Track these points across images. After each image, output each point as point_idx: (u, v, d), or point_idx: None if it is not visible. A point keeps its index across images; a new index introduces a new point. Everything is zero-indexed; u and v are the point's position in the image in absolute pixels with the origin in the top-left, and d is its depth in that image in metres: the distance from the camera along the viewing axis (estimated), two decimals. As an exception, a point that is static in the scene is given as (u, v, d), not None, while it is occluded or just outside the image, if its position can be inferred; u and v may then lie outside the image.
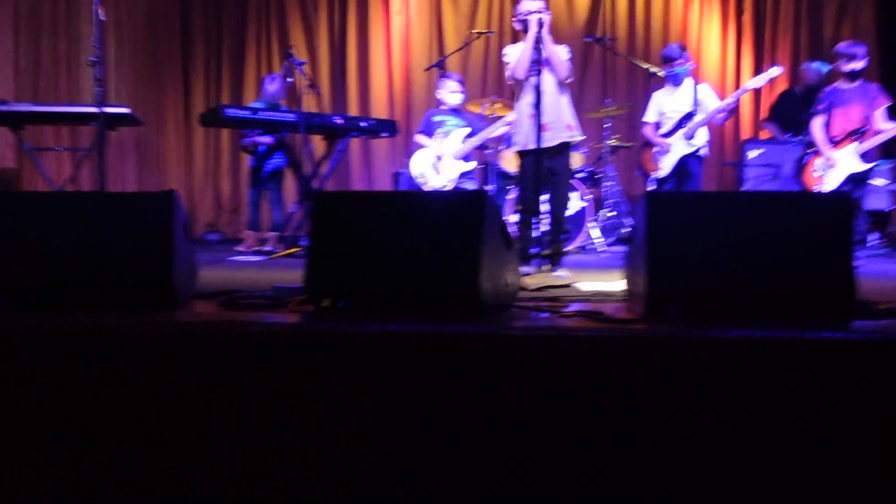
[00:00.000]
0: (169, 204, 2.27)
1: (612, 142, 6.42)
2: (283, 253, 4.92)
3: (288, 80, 5.41)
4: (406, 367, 1.90)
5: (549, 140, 3.76)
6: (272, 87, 5.97)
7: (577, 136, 3.98)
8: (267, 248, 5.78)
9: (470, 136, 5.66)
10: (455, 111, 5.79)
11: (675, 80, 5.25)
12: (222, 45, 8.14)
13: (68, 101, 6.48)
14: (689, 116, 5.16)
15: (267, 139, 5.73)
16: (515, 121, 4.04)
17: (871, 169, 5.00)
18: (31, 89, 6.35)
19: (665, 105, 5.33)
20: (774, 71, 5.11)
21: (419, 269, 2.12)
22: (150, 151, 7.82)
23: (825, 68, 5.25)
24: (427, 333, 1.91)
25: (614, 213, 6.31)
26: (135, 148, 7.56)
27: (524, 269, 3.68)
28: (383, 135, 5.81)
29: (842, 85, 5.10)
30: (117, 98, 7.06)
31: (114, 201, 2.40)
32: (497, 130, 5.64)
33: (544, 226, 3.84)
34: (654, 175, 5.39)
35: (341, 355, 1.92)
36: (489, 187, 6.12)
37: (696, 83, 5.27)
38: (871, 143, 4.90)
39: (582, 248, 5.94)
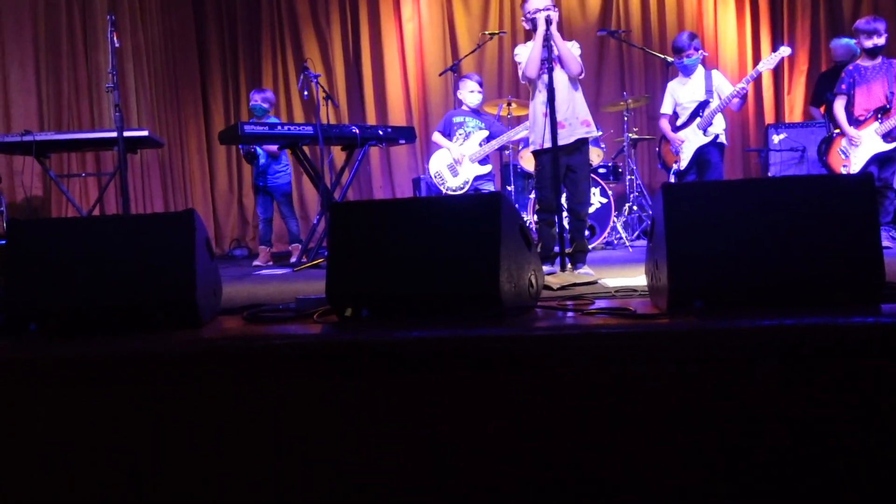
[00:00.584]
0: (189, 223, 2.29)
1: (632, 135, 6.37)
2: (307, 264, 4.95)
3: (304, 93, 5.44)
4: (431, 373, 1.90)
5: (566, 137, 3.73)
6: (258, 97, 6.02)
7: (594, 132, 3.95)
8: (293, 259, 5.85)
9: (488, 139, 5.66)
10: (475, 112, 5.78)
11: (686, 71, 5.21)
12: (238, 63, 8.23)
13: (91, 127, 6.60)
14: (704, 105, 5.10)
15: (272, 147, 5.79)
16: (530, 120, 4.02)
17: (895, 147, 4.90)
18: (55, 119, 6.49)
19: (680, 95, 5.28)
20: (784, 51, 5.02)
21: (439, 273, 2.12)
22: (175, 171, 7.93)
23: (854, 43, 5.13)
24: (450, 338, 1.90)
25: (637, 207, 6.27)
26: (159, 169, 7.68)
27: (547, 268, 3.67)
28: (402, 142, 5.84)
29: (863, 63, 5.01)
30: (139, 122, 7.18)
31: (134, 223, 2.42)
32: (515, 135, 5.66)
33: (566, 224, 3.82)
34: (674, 168, 5.34)
35: (365, 364, 1.93)
36: (510, 188, 6.11)
37: (708, 70, 5.21)
38: (892, 121, 4.81)
39: (608, 244, 5.90)
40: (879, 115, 4.86)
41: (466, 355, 1.88)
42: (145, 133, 4.76)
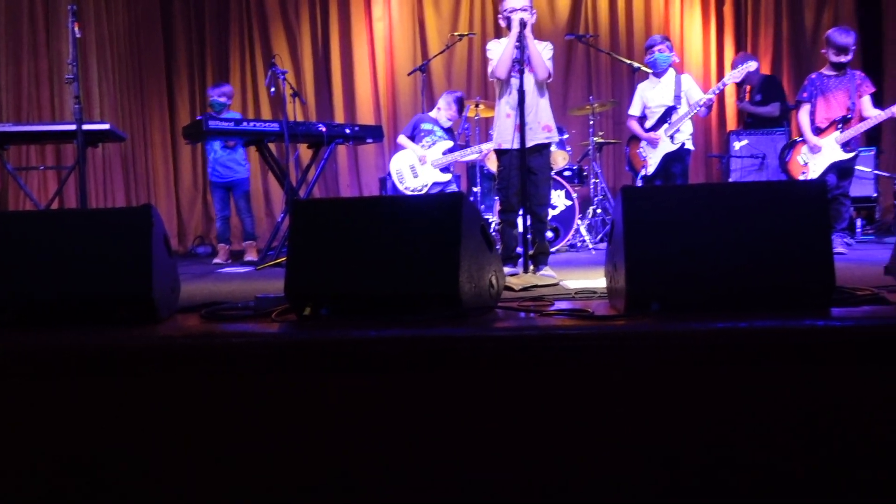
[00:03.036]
0: (147, 218, 2.26)
1: (597, 139, 6.43)
2: (270, 263, 4.91)
3: (271, 89, 5.40)
4: (388, 372, 1.90)
5: (526, 141, 3.75)
6: (215, 93, 5.97)
7: (555, 138, 3.98)
8: (248, 258, 5.80)
9: (451, 150, 5.76)
10: (444, 127, 5.95)
11: (655, 67, 5.24)
12: (205, 56, 8.14)
13: (52, 119, 6.48)
14: (671, 110, 5.16)
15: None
16: (495, 119, 4.04)
17: (853, 157, 5.01)
18: (14, 109, 6.36)
19: (649, 98, 5.33)
20: (751, 65, 5.15)
21: (399, 273, 2.12)
22: (138, 166, 7.82)
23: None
24: (408, 338, 1.90)
25: (601, 210, 6.32)
26: (121, 163, 7.56)
27: (509, 269, 3.68)
28: (369, 141, 5.82)
29: (826, 72, 5.11)
30: (102, 114, 7.07)
31: (91, 218, 2.38)
32: (473, 155, 5.82)
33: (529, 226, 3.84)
34: (641, 173, 5.40)
35: (323, 363, 1.92)
36: (476, 189, 6.14)
37: (678, 74, 5.28)
38: (853, 131, 4.92)
39: (571, 247, 5.95)
40: (840, 125, 4.97)
41: (425, 355, 1.88)
42: (107, 126, 4.67)
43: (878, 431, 1.78)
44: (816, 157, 5.03)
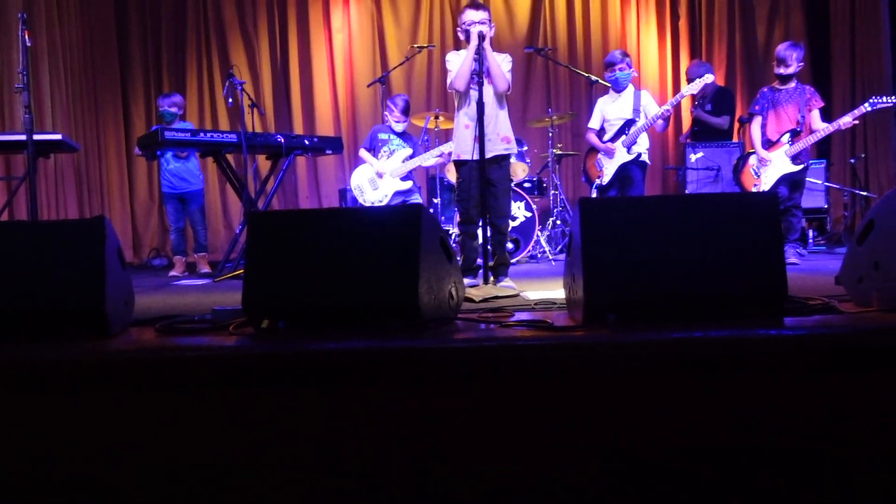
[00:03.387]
0: (100, 230, 2.22)
1: (557, 151, 6.49)
2: (228, 275, 4.84)
3: (229, 100, 5.35)
4: (348, 385, 1.88)
5: (486, 152, 3.76)
6: (165, 103, 5.90)
7: (513, 149, 4.01)
8: (201, 269, 5.73)
9: (411, 157, 5.77)
10: (399, 132, 5.92)
11: (616, 85, 5.32)
12: (161, 66, 8.03)
13: (2, 129, 6.32)
14: (630, 123, 5.24)
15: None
16: (454, 131, 4.06)
17: (804, 169, 5.14)
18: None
19: (608, 112, 5.41)
20: (707, 78, 5.26)
21: (358, 285, 2.10)
22: (91, 177, 7.66)
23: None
24: (367, 350, 1.89)
25: (561, 221, 6.38)
26: (74, 175, 7.40)
27: (469, 280, 3.69)
28: (329, 152, 5.80)
29: (776, 86, 5.24)
30: (54, 124, 6.92)
31: (43, 230, 2.33)
32: (434, 159, 5.83)
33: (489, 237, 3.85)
34: (596, 182, 5.47)
35: (281, 377, 1.89)
36: (436, 200, 6.15)
37: (637, 90, 5.37)
38: (802, 144, 5.05)
39: (532, 258, 5.98)
40: (790, 138, 5.09)
41: (384, 367, 1.87)
42: (59, 137, 4.57)
43: (828, 436, 1.82)
44: (767, 169, 5.15)
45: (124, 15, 7.95)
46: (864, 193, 6.65)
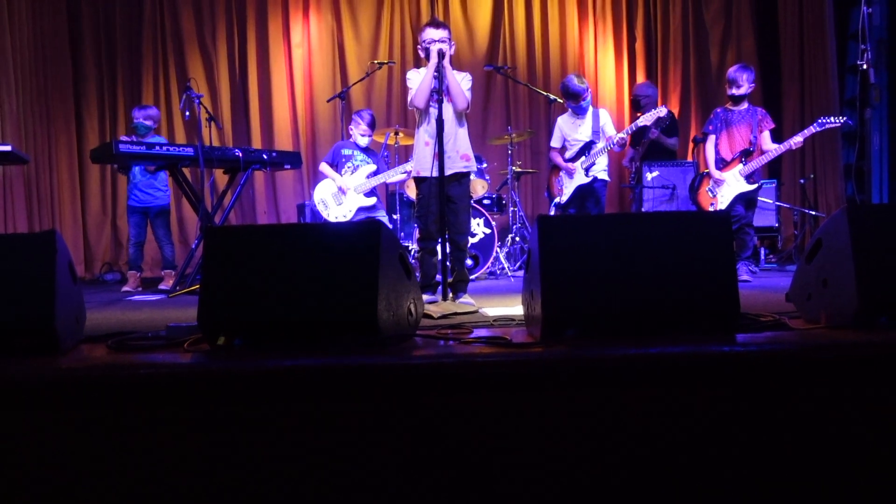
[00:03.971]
0: (50, 244, 2.16)
1: (516, 168, 6.55)
2: (183, 291, 4.77)
3: (186, 113, 5.29)
4: (304, 403, 1.86)
5: (445, 169, 3.78)
6: (140, 115, 5.84)
7: (473, 167, 4.03)
8: (164, 286, 5.63)
9: (374, 174, 5.76)
10: (363, 148, 5.90)
11: (581, 112, 5.45)
12: (116, 77, 7.89)
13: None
14: (589, 145, 5.35)
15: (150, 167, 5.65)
16: (414, 148, 4.07)
17: (757, 188, 5.27)
18: None
19: (568, 131, 5.51)
20: (661, 111, 5.43)
21: (315, 302, 2.09)
22: (42, 190, 7.49)
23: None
24: (325, 367, 1.87)
25: (520, 238, 6.42)
26: (24, 187, 7.23)
27: (428, 297, 3.69)
28: (287, 167, 5.76)
29: (729, 108, 5.38)
30: (3, 135, 6.75)
31: (-11, 244, 2.26)
32: (398, 176, 5.84)
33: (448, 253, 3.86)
34: (556, 199, 5.54)
35: (237, 394, 1.86)
36: (396, 216, 6.14)
37: (596, 109, 5.47)
38: (754, 164, 5.18)
39: (491, 274, 6.01)
40: (743, 158, 5.22)
41: (342, 384, 1.86)
42: (8, 148, 4.46)
43: (778, 449, 1.85)
44: (723, 188, 5.27)
45: (77, 24, 7.81)
46: (813, 213, 6.84)
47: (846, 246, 2.11)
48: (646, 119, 5.41)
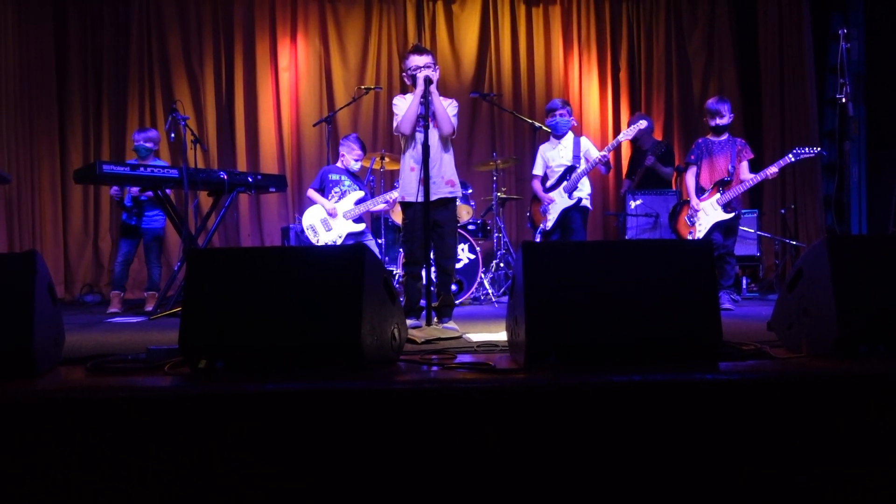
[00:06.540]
0: (30, 265, 2.14)
1: (501, 194, 6.57)
2: (164, 313, 4.72)
3: (171, 135, 5.28)
4: (286, 427, 1.84)
5: (431, 195, 3.79)
6: (141, 138, 5.87)
7: (458, 192, 4.05)
8: (147, 307, 5.58)
9: (363, 200, 5.77)
10: (351, 173, 5.92)
11: (556, 129, 5.49)
12: (101, 98, 7.85)
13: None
14: (571, 169, 5.38)
15: (135, 190, 5.65)
16: (400, 173, 4.08)
17: (735, 217, 5.32)
18: None
19: (550, 158, 5.55)
20: (642, 124, 5.50)
21: (298, 325, 2.08)
22: (23, 210, 7.42)
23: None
24: (307, 392, 1.86)
25: (504, 264, 6.44)
26: (5, 207, 7.17)
27: (412, 322, 3.68)
28: (272, 190, 5.75)
29: (710, 138, 5.45)
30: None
31: (-32, 264, 2.23)
32: (382, 205, 5.85)
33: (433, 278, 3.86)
34: (541, 227, 5.57)
35: (218, 419, 1.84)
36: (381, 241, 6.14)
37: (577, 137, 5.52)
38: (731, 193, 5.25)
39: (475, 299, 6.01)
40: (721, 188, 5.28)
41: (324, 409, 1.84)
42: (-10, 168, 4.44)
43: (763, 477, 1.86)
44: (701, 217, 5.32)
45: (64, 46, 7.77)
46: (794, 243, 6.91)
47: (826, 275, 2.13)
48: (627, 133, 5.46)
